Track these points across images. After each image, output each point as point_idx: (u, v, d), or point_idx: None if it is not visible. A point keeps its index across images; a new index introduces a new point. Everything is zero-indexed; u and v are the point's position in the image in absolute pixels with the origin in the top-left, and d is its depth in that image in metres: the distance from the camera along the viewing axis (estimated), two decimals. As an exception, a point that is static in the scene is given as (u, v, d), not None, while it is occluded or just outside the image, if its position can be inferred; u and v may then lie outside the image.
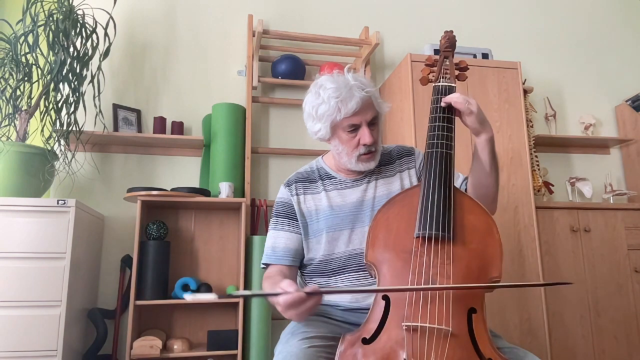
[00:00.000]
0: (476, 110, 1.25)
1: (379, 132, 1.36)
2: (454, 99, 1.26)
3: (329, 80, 1.32)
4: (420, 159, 1.45)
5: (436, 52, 2.77)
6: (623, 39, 3.65)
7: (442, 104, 1.29)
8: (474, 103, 1.25)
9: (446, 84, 1.34)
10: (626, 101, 3.37)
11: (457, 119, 1.31)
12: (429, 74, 1.40)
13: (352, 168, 1.37)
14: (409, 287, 1.09)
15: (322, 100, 1.30)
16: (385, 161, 1.44)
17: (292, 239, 1.38)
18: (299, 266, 1.41)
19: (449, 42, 1.39)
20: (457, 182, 1.40)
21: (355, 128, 1.31)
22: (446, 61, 1.39)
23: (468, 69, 1.41)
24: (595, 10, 3.67)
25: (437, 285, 1.08)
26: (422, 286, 1.08)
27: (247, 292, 1.16)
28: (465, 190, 1.38)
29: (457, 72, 1.39)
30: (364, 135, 1.30)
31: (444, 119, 1.28)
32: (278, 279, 1.26)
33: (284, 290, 1.04)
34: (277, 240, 1.39)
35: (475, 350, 1.02)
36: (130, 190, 2.43)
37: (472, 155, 1.35)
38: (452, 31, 1.41)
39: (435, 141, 1.26)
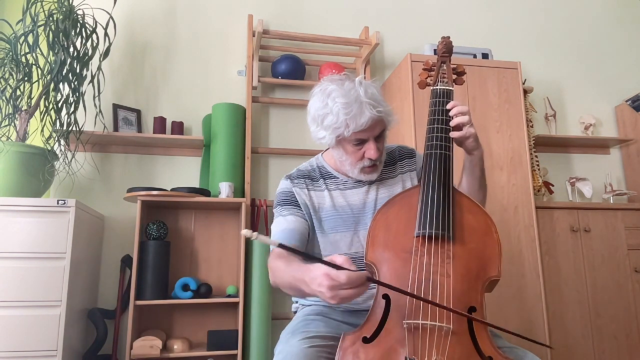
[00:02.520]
0: (474, 131, 1.27)
1: (384, 144, 1.36)
2: (460, 122, 1.27)
3: (339, 93, 1.25)
4: (420, 161, 1.45)
5: (436, 52, 2.77)
6: (623, 39, 3.66)
7: (451, 127, 1.29)
8: (472, 126, 1.27)
9: (444, 87, 1.37)
10: (626, 101, 3.37)
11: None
12: (426, 77, 1.43)
13: (353, 177, 1.37)
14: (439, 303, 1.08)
15: (329, 111, 1.26)
16: (387, 162, 1.43)
17: (297, 222, 1.34)
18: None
19: (446, 48, 1.43)
20: None
21: (361, 142, 1.29)
22: (443, 66, 1.42)
23: (465, 73, 1.45)
24: (595, 10, 3.67)
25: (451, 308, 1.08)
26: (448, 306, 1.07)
27: (302, 252, 1.08)
28: None
29: (454, 77, 1.43)
30: (370, 149, 1.29)
31: (442, 120, 1.30)
32: (296, 259, 1.16)
33: (347, 267, 0.94)
34: (283, 224, 1.33)
35: (476, 348, 1.02)
36: (130, 190, 2.43)
37: (461, 171, 1.37)
38: (449, 37, 1.45)
39: (433, 142, 1.28)
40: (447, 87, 1.36)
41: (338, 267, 0.95)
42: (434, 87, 1.38)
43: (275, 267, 1.21)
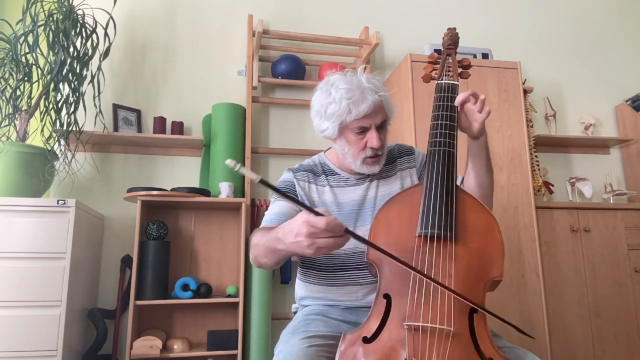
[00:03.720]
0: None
1: (386, 136, 1.36)
2: (481, 114, 1.25)
3: (342, 80, 1.29)
4: (420, 159, 1.46)
5: (436, 51, 2.77)
6: (623, 38, 3.65)
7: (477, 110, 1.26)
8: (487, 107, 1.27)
9: (449, 81, 1.33)
10: (626, 101, 3.37)
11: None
12: (431, 71, 1.38)
13: (355, 170, 1.37)
14: (436, 280, 1.08)
15: (332, 100, 1.28)
16: (387, 160, 1.43)
17: (286, 205, 1.33)
18: None
19: (452, 40, 1.38)
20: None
21: (363, 130, 1.30)
22: (449, 59, 1.38)
23: (471, 66, 1.40)
24: (595, 10, 3.67)
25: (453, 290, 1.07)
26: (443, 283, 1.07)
27: (284, 192, 0.98)
28: None
29: (460, 70, 1.38)
30: (372, 138, 1.30)
31: (447, 117, 1.27)
32: (271, 229, 1.13)
33: (326, 214, 0.94)
34: (274, 209, 1.34)
35: (476, 350, 1.02)
36: (130, 190, 2.43)
37: (467, 157, 1.36)
38: (454, 28, 1.40)
39: (438, 139, 1.25)
40: (452, 82, 1.32)
41: (317, 214, 0.94)
42: (439, 81, 1.34)
43: (254, 241, 1.21)
